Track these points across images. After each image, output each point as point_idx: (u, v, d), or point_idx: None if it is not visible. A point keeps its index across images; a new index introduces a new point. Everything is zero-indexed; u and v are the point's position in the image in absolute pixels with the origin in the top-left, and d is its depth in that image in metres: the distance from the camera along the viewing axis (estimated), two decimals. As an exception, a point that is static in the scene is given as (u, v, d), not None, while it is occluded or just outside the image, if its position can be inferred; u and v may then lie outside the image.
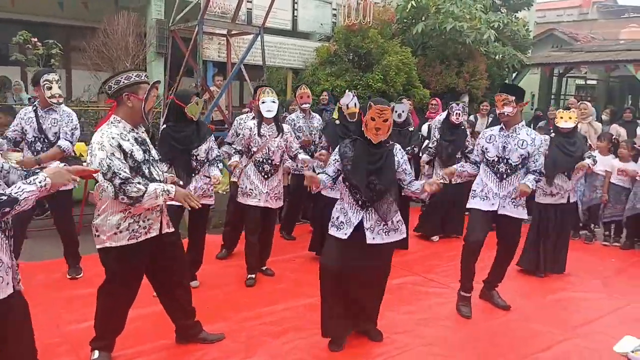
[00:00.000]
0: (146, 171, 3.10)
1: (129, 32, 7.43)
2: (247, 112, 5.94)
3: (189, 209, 3.22)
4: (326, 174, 3.58)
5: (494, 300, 4.60)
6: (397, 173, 3.56)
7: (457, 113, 6.31)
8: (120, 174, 2.89)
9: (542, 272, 5.39)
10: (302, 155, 4.99)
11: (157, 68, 9.21)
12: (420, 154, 6.57)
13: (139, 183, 2.95)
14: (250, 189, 4.84)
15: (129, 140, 3.05)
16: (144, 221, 3.14)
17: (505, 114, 4.21)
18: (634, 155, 6.51)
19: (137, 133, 3.15)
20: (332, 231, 3.58)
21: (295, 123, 6.12)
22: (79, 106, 8.33)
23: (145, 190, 2.94)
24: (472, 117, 8.94)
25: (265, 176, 4.86)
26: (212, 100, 7.26)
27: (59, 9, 10.26)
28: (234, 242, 5.68)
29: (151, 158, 3.19)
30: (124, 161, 2.96)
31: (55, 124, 4.63)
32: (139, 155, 3.07)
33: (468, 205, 4.45)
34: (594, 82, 20.05)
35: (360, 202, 3.49)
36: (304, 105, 6.10)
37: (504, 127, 4.31)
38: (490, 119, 8.92)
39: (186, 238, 4.56)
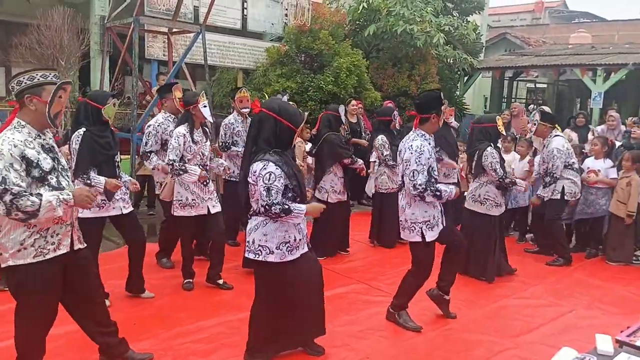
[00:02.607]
0: (53, 181, 2.84)
1: (65, 28, 7.04)
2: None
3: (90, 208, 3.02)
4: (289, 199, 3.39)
5: (442, 307, 4.44)
6: None
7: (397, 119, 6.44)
8: (12, 189, 2.61)
9: (492, 278, 5.34)
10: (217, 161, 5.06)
11: (98, 66, 8.81)
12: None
13: (31, 195, 2.66)
14: (193, 199, 4.62)
15: (34, 147, 2.77)
16: (52, 236, 2.86)
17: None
18: (606, 152, 6.44)
19: (43, 139, 2.87)
20: (294, 254, 3.38)
21: (234, 127, 5.90)
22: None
23: (40, 203, 2.66)
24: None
25: (204, 182, 4.68)
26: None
27: (-1, 5, 9.74)
28: (172, 249, 5.43)
29: (60, 167, 2.92)
30: (22, 173, 2.68)
31: None
32: (46, 164, 2.80)
33: (430, 239, 4.08)
34: (544, 85, 20.51)
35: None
36: (243, 110, 5.88)
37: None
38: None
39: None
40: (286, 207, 3.12)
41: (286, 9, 10.13)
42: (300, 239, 3.35)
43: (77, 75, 8.44)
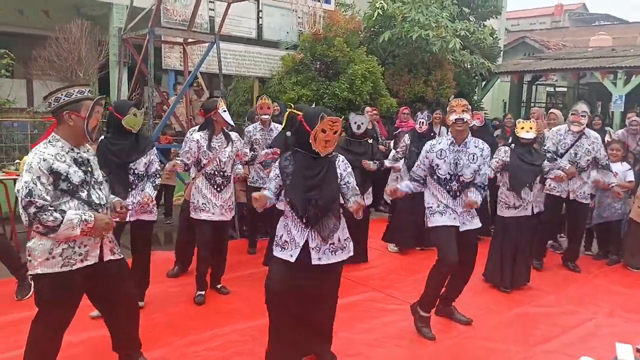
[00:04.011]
0: (84, 194, 2.89)
1: (83, 41, 7.16)
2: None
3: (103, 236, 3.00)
4: (269, 189, 3.38)
5: (454, 317, 4.44)
6: (339, 186, 3.35)
7: (420, 122, 6.26)
8: (36, 202, 2.69)
9: (508, 286, 5.23)
10: (237, 168, 4.97)
11: (116, 77, 8.94)
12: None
13: (55, 211, 2.73)
14: (203, 203, 4.64)
15: (65, 161, 2.85)
16: (79, 247, 2.91)
17: (464, 120, 4.01)
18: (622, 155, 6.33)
19: (78, 153, 2.94)
20: (277, 252, 3.35)
21: (252, 135, 5.93)
22: (33, 118, 8.02)
23: (62, 220, 2.72)
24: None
25: (218, 189, 4.68)
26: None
27: (20, 18, 9.97)
28: (188, 259, 5.44)
29: (93, 180, 2.97)
30: (49, 187, 2.76)
31: None
32: (76, 177, 2.86)
33: (430, 224, 4.16)
34: (564, 89, 20.24)
35: (304, 220, 3.29)
36: (263, 117, 5.90)
37: (454, 141, 4.12)
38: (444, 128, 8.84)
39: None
40: None
41: (300, 17, 10.16)
42: (286, 241, 3.30)
43: (96, 87, 8.58)
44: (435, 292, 4.16)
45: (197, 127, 5.22)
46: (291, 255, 3.27)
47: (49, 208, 2.72)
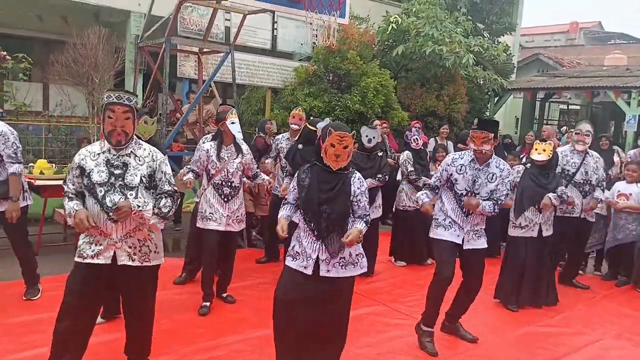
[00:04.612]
0: (100, 194, 2.98)
1: (100, 47, 7.28)
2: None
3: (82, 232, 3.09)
4: (288, 203, 3.43)
5: (460, 333, 4.42)
6: (351, 203, 3.37)
7: (414, 139, 6.42)
8: (64, 188, 3.08)
9: (514, 304, 5.21)
10: (261, 177, 4.98)
11: (131, 83, 9.06)
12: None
13: (72, 200, 3.02)
14: (210, 213, 4.69)
15: (95, 159, 3.04)
16: (94, 245, 3.04)
17: (484, 151, 4.08)
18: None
19: (114, 154, 3.05)
20: (288, 261, 3.37)
21: (278, 143, 6.02)
22: (49, 121, 8.15)
23: (68, 208, 3.00)
24: (432, 140, 8.86)
25: (225, 199, 4.72)
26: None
27: (39, 23, 10.15)
28: (197, 266, 5.46)
29: (119, 183, 3.02)
30: (75, 179, 3.05)
31: None
32: (97, 176, 2.99)
33: (433, 235, 4.26)
34: (577, 107, 20.16)
35: (316, 232, 3.30)
36: (292, 126, 5.97)
37: (475, 159, 4.14)
38: (451, 143, 8.86)
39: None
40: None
41: (315, 30, 10.23)
42: (297, 252, 3.30)
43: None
44: (435, 305, 4.18)
45: (209, 136, 5.28)
46: (305, 267, 3.26)
47: (70, 195, 3.03)
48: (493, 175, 4.11)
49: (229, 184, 4.70)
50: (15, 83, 8.04)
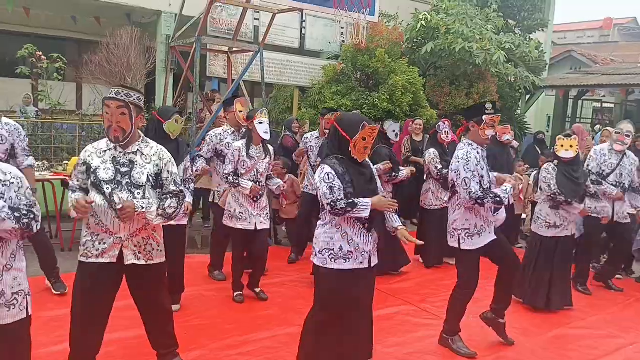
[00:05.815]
0: (107, 192, 2.96)
1: (132, 47, 7.41)
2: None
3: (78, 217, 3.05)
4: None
5: (500, 332, 4.29)
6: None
7: (445, 132, 6.28)
8: (69, 182, 3.15)
9: (543, 307, 5.09)
10: (275, 181, 5.02)
11: (162, 83, 9.20)
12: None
13: (73, 192, 3.04)
14: (240, 212, 4.73)
15: (102, 157, 3.03)
16: (99, 243, 3.02)
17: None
18: None
19: (120, 152, 3.04)
20: (339, 264, 3.23)
21: (307, 142, 6.08)
22: (82, 120, 8.33)
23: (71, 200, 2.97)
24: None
25: (255, 199, 4.75)
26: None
27: (72, 24, 10.39)
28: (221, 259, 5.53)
29: (126, 181, 3.00)
30: (80, 175, 3.05)
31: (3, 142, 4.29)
32: (103, 174, 2.98)
33: (466, 247, 4.00)
34: (611, 105, 19.68)
35: (366, 225, 3.26)
36: (326, 131, 6.00)
37: (481, 148, 4.06)
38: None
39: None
40: (350, 201, 3.13)
41: (342, 28, 10.23)
42: (349, 251, 3.23)
43: (143, 92, 8.86)
44: (458, 318, 4.11)
45: (219, 129, 5.33)
46: (361, 262, 3.25)
47: (75, 190, 3.05)
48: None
49: (258, 183, 4.74)
50: (50, 83, 8.22)
